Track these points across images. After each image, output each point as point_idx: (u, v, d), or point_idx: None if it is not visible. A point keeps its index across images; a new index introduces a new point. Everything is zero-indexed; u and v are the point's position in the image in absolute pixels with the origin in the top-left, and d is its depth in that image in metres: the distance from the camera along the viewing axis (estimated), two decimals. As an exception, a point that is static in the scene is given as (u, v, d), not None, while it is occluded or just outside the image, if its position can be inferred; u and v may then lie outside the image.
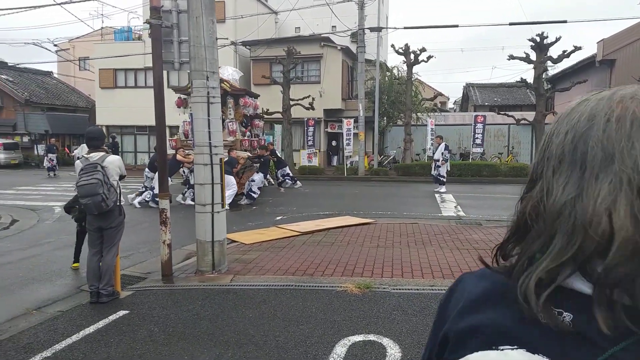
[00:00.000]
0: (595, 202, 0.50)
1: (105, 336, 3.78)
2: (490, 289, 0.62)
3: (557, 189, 0.55)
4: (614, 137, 0.52)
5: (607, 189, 0.51)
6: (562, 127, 0.58)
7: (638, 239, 0.48)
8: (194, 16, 5.23)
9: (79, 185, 4.42)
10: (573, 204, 0.53)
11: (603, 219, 0.49)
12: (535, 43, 17.14)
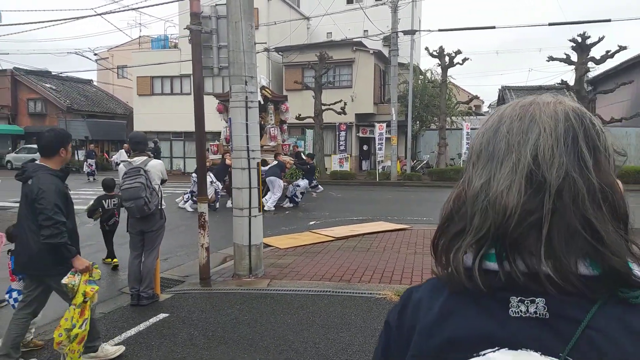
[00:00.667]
0: (497, 185, 0.61)
1: (147, 339, 3.80)
2: (449, 296, 0.64)
3: (475, 178, 0.64)
4: (514, 132, 0.63)
5: (506, 173, 0.61)
6: (481, 130, 0.68)
7: (527, 211, 0.58)
8: (233, 21, 5.26)
9: (122, 188, 4.49)
10: (484, 188, 0.62)
11: (503, 196, 0.59)
12: (576, 43, 16.56)
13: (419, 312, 0.67)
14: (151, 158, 4.74)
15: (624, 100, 22.18)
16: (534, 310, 0.57)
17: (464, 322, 0.61)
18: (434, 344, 0.62)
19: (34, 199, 3.04)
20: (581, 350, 0.54)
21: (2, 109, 28.82)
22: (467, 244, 0.62)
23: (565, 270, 0.56)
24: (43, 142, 3.22)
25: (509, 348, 0.57)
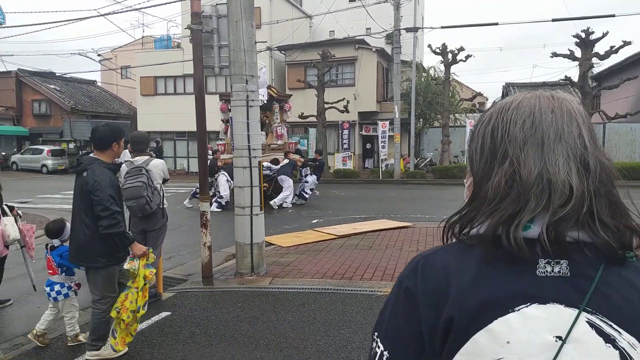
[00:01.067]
0: (558, 170, 0.69)
1: (149, 337, 3.83)
2: (481, 261, 0.71)
3: (529, 162, 0.70)
4: (561, 122, 0.72)
5: (563, 160, 0.69)
6: (515, 117, 0.74)
7: (584, 191, 0.68)
8: (233, 20, 5.27)
9: (124, 188, 4.50)
10: (542, 171, 0.69)
11: (567, 183, 0.68)
12: (580, 39, 16.47)
13: (450, 276, 0.72)
14: (153, 157, 4.76)
15: (629, 96, 22.02)
16: (558, 270, 0.68)
17: (499, 282, 0.69)
18: (473, 303, 0.68)
19: (89, 191, 3.17)
20: (596, 302, 0.66)
21: (7, 110, 28.99)
22: (524, 221, 0.68)
23: (606, 238, 0.67)
24: (97, 136, 3.37)
25: (539, 303, 0.67)
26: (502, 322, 0.67)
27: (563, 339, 0.65)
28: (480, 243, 0.72)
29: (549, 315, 0.66)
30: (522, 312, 0.67)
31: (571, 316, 0.66)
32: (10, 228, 4.57)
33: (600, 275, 0.67)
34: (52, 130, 28.45)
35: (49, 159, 25.34)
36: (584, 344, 0.65)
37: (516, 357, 0.66)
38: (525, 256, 0.68)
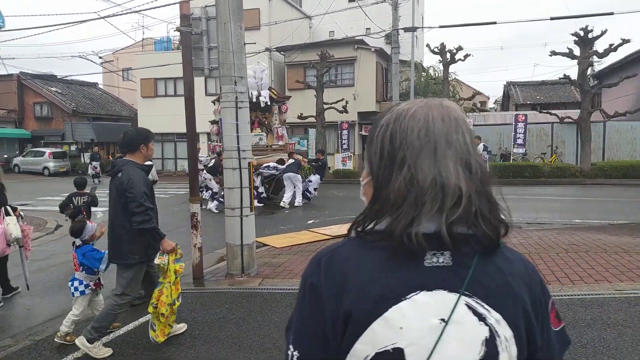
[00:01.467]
0: (450, 175, 0.76)
1: (134, 338, 3.84)
2: (378, 256, 0.78)
3: (424, 168, 0.77)
4: (449, 129, 0.79)
5: (453, 165, 0.77)
6: (411, 124, 0.80)
7: (471, 193, 0.76)
8: (222, 22, 5.29)
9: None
10: (437, 176, 0.76)
11: (457, 184, 0.75)
12: (579, 37, 16.40)
13: (350, 270, 0.79)
14: (140, 159, 4.76)
15: (629, 94, 21.91)
16: (442, 260, 0.76)
17: (393, 274, 0.76)
18: (371, 295, 0.75)
19: (124, 189, 3.38)
20: (473, 287, 0.75)
21: (8, 113, 29.16)
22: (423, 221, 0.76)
23: (486, 231, 0.76)
24: (126, 140, 3.60)
25: (427, 290, 0.75)
26: (395, 310, 0.74)
27: (446, 321, 0.73)
28: (381, 240, 0.78)
29: (435, 301, 0.74)
30: (413, 299, 0.74)
31: (453, 300, 0.74)
32: (13, 227, 4.81)
33: (476, 263, 0.76)
34: (54, 133, 28.59)
35: (51, 161, 25.46)
36: (462, 324, 0.73)
37: (408, 341, 0.72)
38: (416, 250, 0.75)
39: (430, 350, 0.72)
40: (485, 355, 0.73)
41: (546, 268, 5.39)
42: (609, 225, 8.23)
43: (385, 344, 0.73)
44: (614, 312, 3.94)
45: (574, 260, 5.65)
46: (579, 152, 17.83)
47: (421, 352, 0.72)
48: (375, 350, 0.73)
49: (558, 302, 4.26)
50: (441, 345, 0.72)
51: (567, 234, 7.29)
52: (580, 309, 4.05)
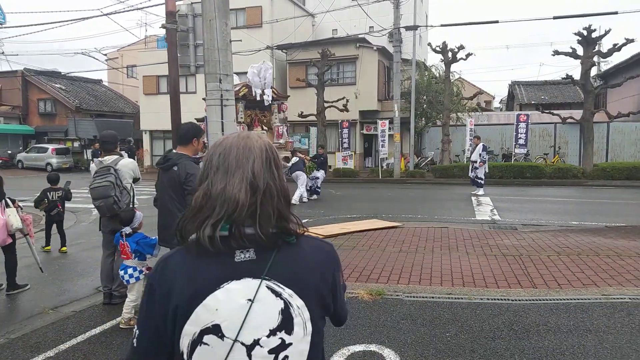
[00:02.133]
0: (233, 189, 0.99)
1: (109, 338, 3.80)
2: (195, 259, 1.01)
3: (216, 182, 1.02)
4: (240, 156, 1.03)
5: (238, 182, 1.00)
6: (218, 151, 1.07)
7: (249, 203, 0.99)
8: (207, 19, 5.23)
9: (91, 187, 4.50)
10: (223, 190, 1.00)
11: (237, 196, 0.99)
12: (582, 37, 16.21)
13: (176, 273, 1.02)
14: (122, 157, 4.73)
15: (635, 94, 21.65)
16: (248, 256, 1.01)
17: (209, 272, 1.00)
18: (191, 291, 0.99)
19: (181, 182, 3.58)
20: (272, 273, 1.00)
21: (13, 109, 29.33)
22: (211, 223, 1.00)
23: (266, 232, 1.00)
24: (181, 133, 3.77)
25: (236, 279, 0.99)
26: (212, 298, 0.98)
27: (252, 300, 0.98)
28: (192, 246, 1.01)
29: (243, 286, 0.99)
30: (225, 288, 0.99)
31: (256, 285, 0.99)
32: (14, 218, 5.01)
33: (274, 256, 1.02)
34: (57, 129, 28.74)
35: (54, 157, 25.57)
36: (264, 300, 0.98)
37: (223, 318, 0.97)
38: (221, 249, 0.99)
39: (241, 323, 0.97)
40: (282, 320, 0.99)
41: (535, 271, 5.29)
42: (605, 227, 8.10)
43: (206, 323, 0.97)
44: (597, 318, 3.85)
45: (565, 264, 5.55)
46: (582, 152, 17.63)
47: (234, 325, 0.97)
48: (199, 328, 0.98)
49: (542, 306, 4.18)
50: (249, 318, 0.97)
51: (561, 236, 7.19)
52: (563, 315, 3.96)
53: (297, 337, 1.00)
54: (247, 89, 12.34)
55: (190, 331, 0.98)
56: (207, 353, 0.97)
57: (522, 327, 3.71)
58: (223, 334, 0.96)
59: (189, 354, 0.98)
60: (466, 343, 3.46)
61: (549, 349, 3.32)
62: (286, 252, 1.03)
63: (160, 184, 3.80)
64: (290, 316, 1.00)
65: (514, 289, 4.73)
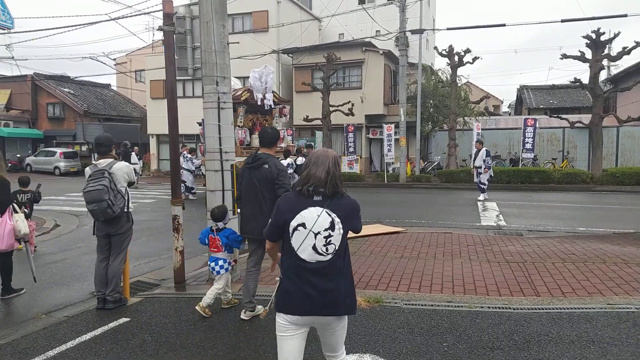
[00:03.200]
0: (319, 172, 2.32)
1: (99, 344, 3.73)
2: (297, 197, 2.34)
3: (313, 169, 2.34)
4: (324, 158, 2.36)
5: (321, 170, 2.32)
6: (314, 155, 2.40)
7: (326, 180, 2.31)
8: (204, 21, 5.18)
9: (85, 191, 4.44)
10: (315, 173, 2.32)
11: (321, 176, 2.31)
12: (590, 40, 15.99)
13: (289, 201, 2.35)
14: (116, 160, 4.67)
15: (646, 98, 21.32)
16: (319, 198, 2.27)
17: (302, 202, 2.29)
18: (294, 209, 2.29)
19: (273, 178, 4.10)
20: (329, 206, 2.26)
21: (22, 113, 29.62)
22: (308, 185, 2.30)
23: (329, 192, 2.28)
24: (268, 137, 4.33)
25: (312, 207, 2.27)
26: (302, 212, 2.26)
27: (319, 215, 2.24)
28: (297, 192, 2.33)
29: (315, 210, 2.26)
30: (308, 209, 2.26)
31: (321, 210, 2.25)
32: (22, 224, 5.03)
33: (330, 200, 2.28)
34: (66, 133, 28.97)
35: (62, 161, 25.78)
36: (323, 216, 2.24)
37: (306, 221, 2.25)
38: (309, 195, 2.28)
39: (313, 223, 2.23)
40: (330, 225, 2.23)
41: (539, 279, 5.15)
42: (613, 234, 7.91)
43: (299, 222, 2.25)
44: (601, 329, 3.70)
45: (570, 271, 5.40)
46: (591, 157, 17.35)
47: (310, 224, 2.23)
48: (296, 224, 2.25)
49: (545, 316, 4.04)
50: (316, 222, 2.23)
51: (567, 243, 7.02)
52: (566, 325, 3.81)
53: (336, 233, 2.23)
54: (248, 93, 12.22)
55: (292, 225, 2.26)
56: (299, 235, 2.24)
57: (522, 338, 3.58)
58: (305, 227, 2.23)
59: (290, 235, 2.26)
60: (463, 354, 3.33)
61: (549, 360, 3.19)
62: (335, 200, 2.28)
63: (247, 182, 4.24)
64: (334, 224, 2.23)
65: (516, 297, 4.59)
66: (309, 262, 2.21)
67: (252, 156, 4.25)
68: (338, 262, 2.24)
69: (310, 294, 2.21)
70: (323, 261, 2.21)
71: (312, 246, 2.21)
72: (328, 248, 2.21)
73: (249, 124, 13.02)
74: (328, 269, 2.21)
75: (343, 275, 2.26)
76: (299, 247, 2.22)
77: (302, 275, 2.22)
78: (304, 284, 2.22)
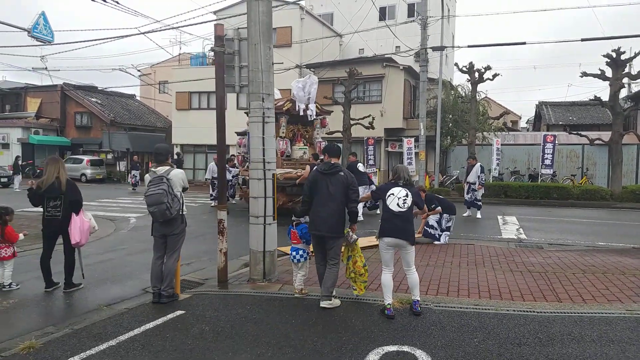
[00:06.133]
0: (403, 175, 4.85)
1: (162, 331, 4.18)
2: (392, 184, 4.81)
3: (399, 172, 4.92)
4: (402, 166, 4.97)
5: (403, 174, 4.80)
6: (397, 167, 5.00)
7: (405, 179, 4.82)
8: (252, 43, 5.70)
9: (147, 195, 4.94)
10: (401, 175, 4.88)
11: (403, 175, 4.78)
12: (610, 59, 16.23)
13: (385, 185, 4.85)
14: (173, 168, 5.17)
15: (666, 116, 21.35)
16: (401, 183, 4.77)
17: (393, 185, 4.75)
18: (388, 189, 4.74)
19: (349, 184, 4.87)
20: (406, 188, 4.73)
21: (51, 121, 30.73)
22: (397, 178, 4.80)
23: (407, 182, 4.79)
24: (335, 150, 5.15)
25: (398, 187, 4.70)
26: (392, 190, 4.70)
27: (401, 190, 4.68)
28: (392, 181, 4.84)
29: (400, 189, 4.68)
30: (397, 188, 4.70)
31: (403, 189, 4.68)
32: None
33: (404, 186, 4.70)
34: (92, 142, 29.96)
35: (88, 168, 26.69)
36: (403, 191, 4.66)
37: (394, 192, 4.67)
38: (397, 182, 4.76)
39: (398, 194, 4.65)
40: (406, 195, 4.63)
41: (560, 287, 5.47)
42: (632, 248, 8.14)
43: (391, 193, 4.68)
44: (620, 331, 4.03)
45: (590, 281, 5.70)
46: (611, 174, 17.46)
47: (396, 194, 4.65)
48: (389, 194, 4.68)
49: (567, 318, 4.37)
50: (399, 193, 4.65)
51: (587, 256, 7.29)
52: (587, 326, 4.15)
53: (409, 199, 4.60)
54: (291, 103, 12.17)
55: (388, 194, 4.66)
56: (390, 199, 4.61)
57: (546, 336, 3.93)
58: (393, 195, 4.63)
59: (385, 200, 4.64)
60: (493, 348, 3.70)
61: (572, 355, 3.53)
62: (408, 186, 4.71)
63: (321, 186, 4.90)
64: (408, 194, 4.62)
65: (539, 302, 4.92)
66: (395, 211, 4.56)
67: (328, 165, 4.98)
68: (408, 212, 4.60)
69: (394, 227, 4.54)
70: (402, 212, 4.56)
71: (397, 203, 4.56)
72: (405, 205, 4.58)
73: (289, 135, 12.95)
74: (404, 216, 4.57)
75: (411, 221, 4.65)
76: (390, 203, 4.59)
77: (391, 219, 4.56)
78: (392, 222, 4.54)
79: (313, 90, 11.78)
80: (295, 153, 12.92)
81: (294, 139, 13.23)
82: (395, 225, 4.54)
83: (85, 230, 5.61)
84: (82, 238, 5.59)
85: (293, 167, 12.30)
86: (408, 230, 4.56)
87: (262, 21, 5.69)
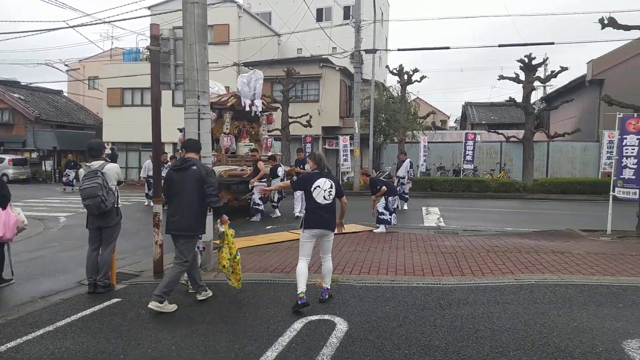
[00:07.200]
0: (325, 162, 5.02)
1: (99, 316, 4.39)
2: (315, 175, 4.80)
3: (318, 163, 4.98)
4: (322, 155, 4.99)
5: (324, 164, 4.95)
6: (318, 155, 4.99)
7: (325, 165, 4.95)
8: (188, 43, 5.96)
9: (82, 188, 5.09)
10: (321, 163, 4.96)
11: (323, 164, 4.97)
12: (523, 64, 17.88)
13: (308, 176, 4.85)
14: (107, 162, 5.34)
15: (572, 117, 23.78)
16: (325, 172, 4.82)
17: (317, 176, 4.72)
18: (313, 180, 4.72)
19: (202, 177, 4.65)
20: (329, 177, 4.78)
21: (-33, 118, 28.49)
22: (319, 168, 4.85)
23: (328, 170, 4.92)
24: (193, 144, 5.04)
25: (323, 178, 4.73)
26: (317, 182, 4.68)
27: (326, 181, 4.71)
28: (313, 172, 4.88)
29: (325, 180, 4.72)
30: (322, 179, 4.71)
31: (327, 179, 4.73)
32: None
33: (327, 177, 4.80)
34: (15, 139, 28.15)
35: (10, 168, 25.10)
36: (327, 182, 4.71)
37: (319, 184, 4.67)
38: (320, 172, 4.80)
39: (323, 184, 4.66)
40: (330, 186, 4.70)
41: (465, 264, 6.24)
42: (532, 232, 9.26)
43: (316, 185, 4.66)
44: (506, 295, 4.80)
45: (491, 259, 6.55)
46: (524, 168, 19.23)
47: (322, 185, 4.67)
48: (315, 186, 4.65)
49: (466, 288, 5.09)
50: (324, 185, 4.67)
51: (494, 239, 8.24)
52: (481, 293, 4.88)
53: (333, 190, 4.71)
54: (235, 99, 11.80)
55: (313, 187, 4.64)
56: (317, 192, 4.62)
57: (446, 302, 4.60)
58: (319, 188, 4.64)
59: (311, 192, 4.63)
60: (401, 312, 4.30)
61: (464, 314, 4.21)
62: (329, 175, 4.80)
63: (178, 182, 4.68)
64: (332, 185, 4.70)
65: (445, 276, 5.64)
66: (321, 203, 4.62)
67: (181, 160, 4.81)
68: (333, 203, 4.73)
69: (320, 218, 4.62)
70: (328, 204, 4.66)
71: (323, 196, 4.62)
72: (331, 196, 4.68)
73: (234, 131, 12.67)
74: (329, 207, 4.68)
75: (334, 211, 4.77)
76: (317, 196, 4.62)
77: (317, 210, 4.62)
78: (318, 214, 4.62)
79: (258, 85, 11.71)
80: (240, 150, 12.68)
81: (239, 135, 12.92)
82: (321, 216, 4.57)
83: (11, 224, 5.52)
84: (6, 232, 5.49)
85: (238, 164, 12.09)
86: (332, 220, 4.69)
87: (197, 22, 5.97)
